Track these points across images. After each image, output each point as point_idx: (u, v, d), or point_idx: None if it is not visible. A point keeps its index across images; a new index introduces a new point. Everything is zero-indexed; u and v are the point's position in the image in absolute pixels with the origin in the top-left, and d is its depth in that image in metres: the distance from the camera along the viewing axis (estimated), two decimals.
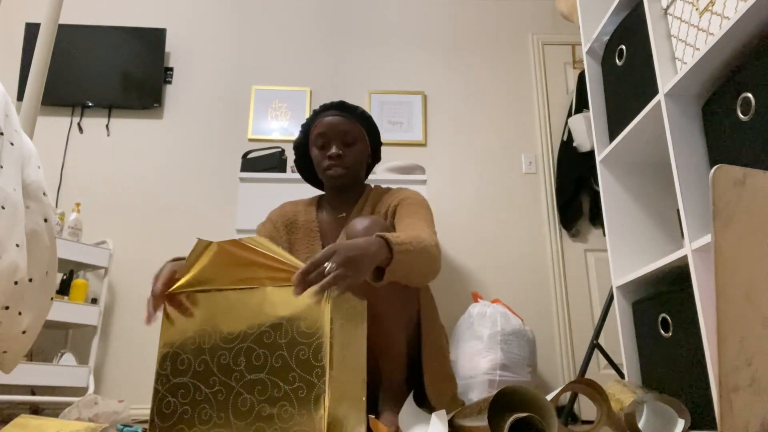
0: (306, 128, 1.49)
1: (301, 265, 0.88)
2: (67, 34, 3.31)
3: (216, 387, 0.86)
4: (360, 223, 1.24)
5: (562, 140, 3.24)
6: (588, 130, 2.97)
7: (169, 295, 0.94)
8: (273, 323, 0.86)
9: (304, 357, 0.82)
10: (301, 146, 1.51)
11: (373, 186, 1.55)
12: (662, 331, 1.50)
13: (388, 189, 1.51)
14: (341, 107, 1.44)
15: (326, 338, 0.82)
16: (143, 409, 2.77)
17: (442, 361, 1.34)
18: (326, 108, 1.45)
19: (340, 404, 0.84)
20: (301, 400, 0.81)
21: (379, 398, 1.26)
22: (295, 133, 3.33)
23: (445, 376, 1.32)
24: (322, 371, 0.81)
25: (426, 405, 1.30)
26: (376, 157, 1.53)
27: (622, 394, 1.22)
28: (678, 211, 1.56)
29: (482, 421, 0.91)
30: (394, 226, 1.38)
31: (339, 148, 1.41)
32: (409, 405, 1.14)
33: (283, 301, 0.87)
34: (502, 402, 0.99)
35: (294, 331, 0.84)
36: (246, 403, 0.83)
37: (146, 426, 1.33)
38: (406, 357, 1.27)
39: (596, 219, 3.18)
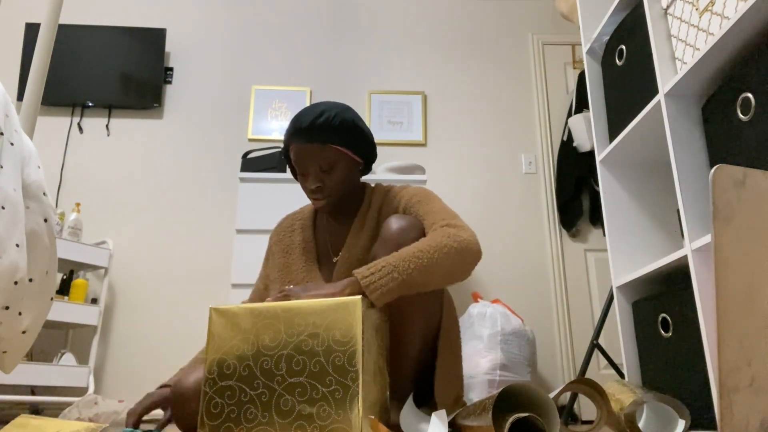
0: (286, 143, 1.36)
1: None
2: (67, 34, 3.31)
3: (260, 389, 0.95)
4: (396, 222, 1.22)
5: (562, 140, 3.24)
6: (588, 130, 2.97)
7: (216, 310, 1.03)
8: (311, 332, 0.95)
9: (339, 363, 0.92)
10: (288, 157, 1.41)
11: (374, 185, 1.46)
12: (662, 331, 1.50)
13: (390, 188, 1.43)
14: (310, 130, 1.27)
15: (359, 346, 0.92)
16: None
17: (455, 360, 1.33)
18: (296, 131, 1.29)
19: (370, 404, 0.94)
20: (337, 401, 0.90)
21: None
22: None
23: (454, 376, 1.32)
24: (356, 375, 0.90)
25: (429, 404, 1.30)
26: (370, 160, 1.41)
27: (622, 394, 1.22)
28: (678, 211, 1.56)
29: (485, 421, 0.91)
30: None
31: (317, 179, 1.30)
32: (409, 406, 1.14)
33: (319, 314, 0.96)
34: (505, 401, 0.99)
35: (330, 339, 0.94)
36: (288, 404, 0.92)
37: (151, 427, 1.34)
38: (419, 360, 1.26)
39: (596, 219, 3.18)
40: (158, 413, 1.98)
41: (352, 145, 1.32)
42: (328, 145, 1.28)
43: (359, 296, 0.96)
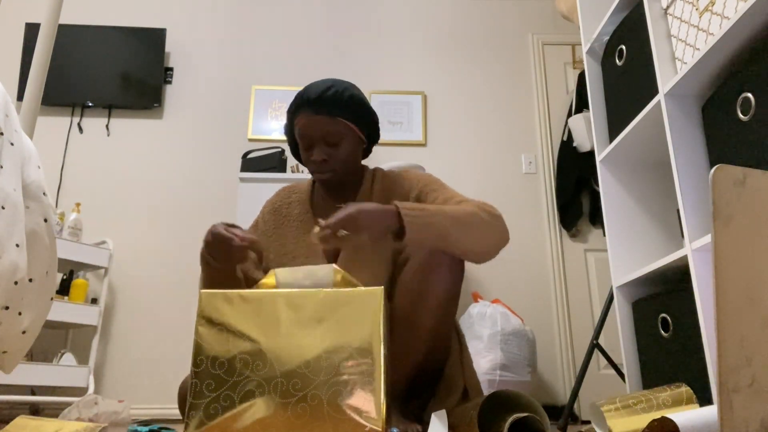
0: (290, 116, 1.35)
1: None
2: (67, 34, 3.31)
3: (263, 375, 0.86)
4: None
5: (562, 140, 3.24)
6: (588, 130, 2.97)
7: (206, 294, 0.92)
8: (321, 318, 0.88)
9: (358, 348, 0.86)
10: (290, 132, 1.40)
11: (372, 168, 1.45)
12: (662, 331, 1.50)
13: (391, 172, 1.42)
14: (319, 101, 1.26)
15: (381, 333, 0.86)
16: (143, 409, 2.77)
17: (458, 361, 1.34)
18: (304, 102, 1.28)
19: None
20: (359, 385, 0.84)
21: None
22: None
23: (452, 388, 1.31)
24: (377, 360, 0.85)
25: (414, 398, 1.29)
26: (373, 139, 1.40)
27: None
28: (678, 211, 1.56)
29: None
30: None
31: (322, 153, 1.28)
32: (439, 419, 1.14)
33: (335, 300, 0.89)
34: (493, 405, 0.99)
35: (348, 328, 0.87)
36: (296, 386, 0.85)
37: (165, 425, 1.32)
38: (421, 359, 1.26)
39: (596, 219, 3.18)
40: (161, 414, 1.98)
41: (359, 122, 1.31)
42: (337, 117, 1.27)
43: (381, 287, 0.90)
